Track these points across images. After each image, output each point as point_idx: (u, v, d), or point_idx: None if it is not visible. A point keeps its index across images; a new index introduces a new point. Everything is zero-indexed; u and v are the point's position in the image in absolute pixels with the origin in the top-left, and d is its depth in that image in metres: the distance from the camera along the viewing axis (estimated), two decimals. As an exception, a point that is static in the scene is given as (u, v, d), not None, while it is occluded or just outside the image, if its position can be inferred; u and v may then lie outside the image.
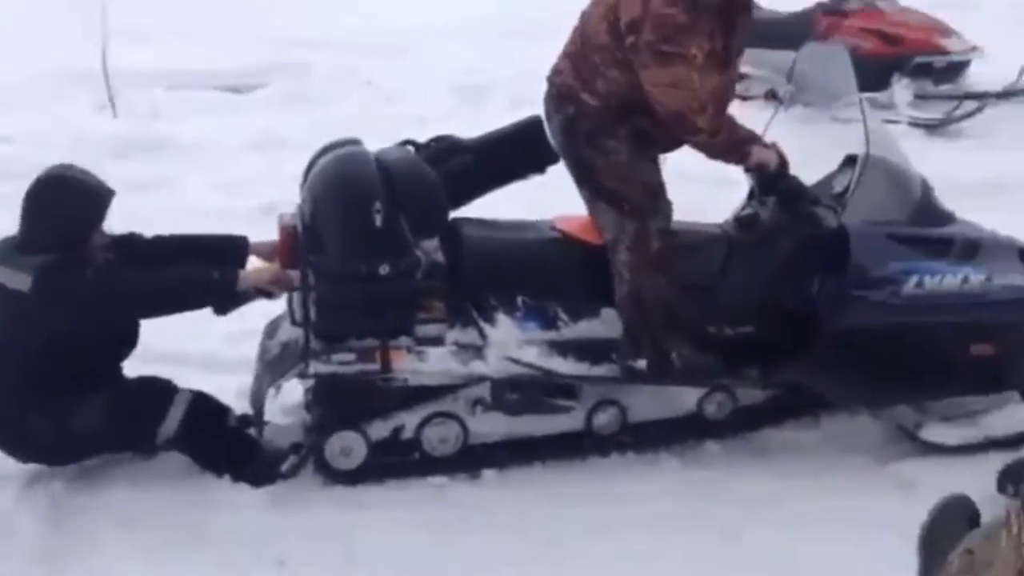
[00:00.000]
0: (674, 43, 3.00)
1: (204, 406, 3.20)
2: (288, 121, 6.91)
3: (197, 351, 3.90)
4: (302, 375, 3.13)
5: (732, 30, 3.13)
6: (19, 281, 2.93)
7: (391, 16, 10.28)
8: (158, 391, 3.16)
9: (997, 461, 3.09)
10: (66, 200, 3.05)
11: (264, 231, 3.56)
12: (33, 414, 3.02)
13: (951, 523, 2.31)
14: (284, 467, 3.21)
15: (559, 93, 3.29)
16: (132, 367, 3.29)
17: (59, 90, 7.47)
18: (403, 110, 7.23)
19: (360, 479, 3.23)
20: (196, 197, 5.56)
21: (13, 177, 5.65)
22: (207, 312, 3.25)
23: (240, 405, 3.42)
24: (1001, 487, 2.97)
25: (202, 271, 3.10)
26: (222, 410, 3.30)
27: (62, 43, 8.21)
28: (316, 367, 3.10)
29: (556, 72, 3.33)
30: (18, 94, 7.27)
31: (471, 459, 3.30)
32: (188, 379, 3.46)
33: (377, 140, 3.52)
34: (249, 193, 5.61)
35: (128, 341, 3.23)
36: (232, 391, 3.54)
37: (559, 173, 3.49)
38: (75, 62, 7.51)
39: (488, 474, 3.29)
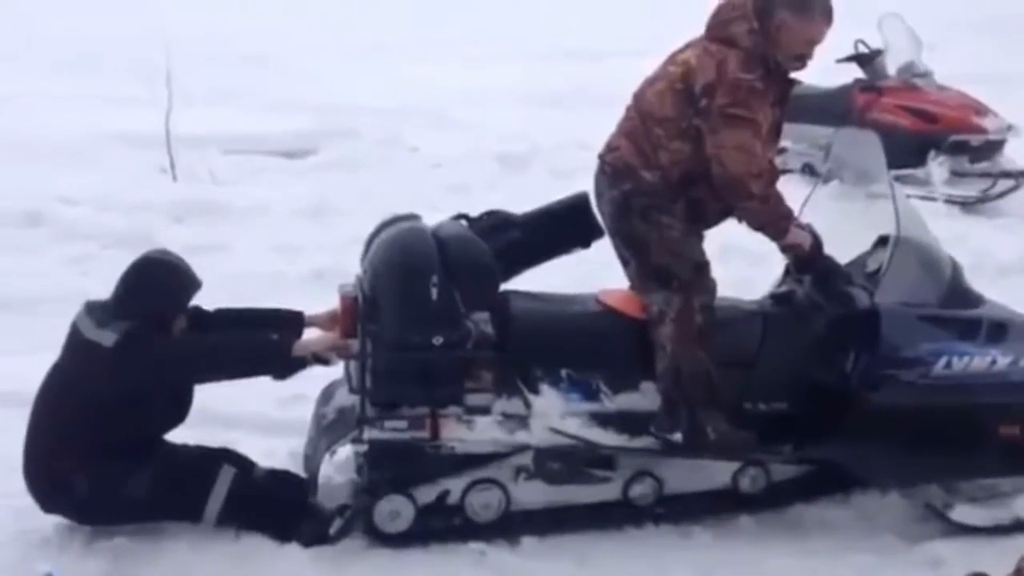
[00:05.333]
0: (745, 107, 3.18)
1: (247, 482, 3.31)
2: (337, 187, 7.14)
3: (249, 414, 4.02)
4: (356, 440, 3.26)
5: (785, 103, 3.34)
6: (104, 337, 3.15)
7: (435, 83, 10.54)
8: (201, 471, 3.27)
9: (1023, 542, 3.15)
10: (163, 282, 3.28)
11: (315, 296, 3.72)
12: (79, 478, 3.17)
13: None
14: (332, 530, 3.31)
15: (615, 170, 3.40)
16: (185, 429, 3.41)
17: (121, 152, 7.74)
18: (447, 178, 7.42)
19: (405, 543, 3.33)
20: (249, 261, 5.73)
21: (77, 238, 6.01)
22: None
23: (292, 468, 3.53)
24: None
25: (263, 335, 3.32)
26: (269, 477, 3.39)
27: (125, 105, 8.56)
28: (370, 433, 3.23)
29: (611, 150, 3.44)
30: (82, 155, 7.57)
31: (511, 525, 3.39)
32: (240, 442, 3.61)
33: (422, 208, 3.66)
34: (300, 258, 5.81)
35: (179, 415, 3.38)
36: (283, 454, 3.68)
37: (603, 246, 3.63)
38: (136, 124, 7.79)
39: (527, 541, 3.36)
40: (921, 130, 7.35)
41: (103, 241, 5.90)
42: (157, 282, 3.28)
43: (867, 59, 7.76)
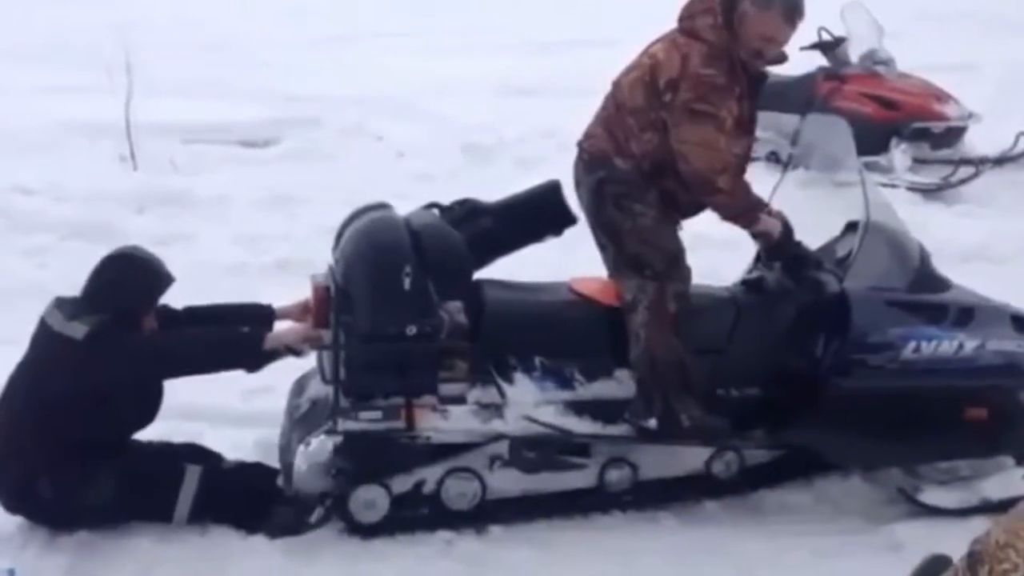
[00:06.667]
0: (708, 103, 3.20)
1: (215, 478, 3.26)
2: (301, 176, 7.04)
3: (214, 405, 3.96)
4: (331, 431, 3.23)
5: (755, 96, 3.34)
6: (75, 329, 3.10)
7: (401, 73, 10.44)
8: (166, 474, 3.22)
9: (984, 523, 3.17)
10: (135, 279, 3.24)
11: (279, 286, 3.66)
12: (42, 480, 3.13)
13: None
14: (312, 518, 3.28)
15: (591, 157, 3.43)
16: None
17: (80, 141, 7.59)
18: (412, 167, 7.36)
19: (373, 532, 3.31)
20: (212, 252, 5.65)
21: (35, 229, 5.88)
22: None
23: (259, 459, 3.49)
24: None
25: (234, 329, 3.30)
26: (238, 470, 3.36)
27: (84, 94, 8.38)
28: (345, 424, 3.21)
29: (588, 137, 3.47)
30: (40, 145, 7.40)
31: (481, 514, 3.38)
32: (204, 434, 3.60)
33: (388, 197, 3.62)
34: (264, 248, 5.73)
35: (149, 414, 3.33)
36: (250, 445, 3.64)
37: (576, 234, 3.63)
38: (96, 113, 7.61)
39: (495, 530, 3.36)
40: (883, 117, 7.40)
41: (61, 232, 5.78)
42: (129, 278, 3.23)
43: (830, 47, 7.81)
